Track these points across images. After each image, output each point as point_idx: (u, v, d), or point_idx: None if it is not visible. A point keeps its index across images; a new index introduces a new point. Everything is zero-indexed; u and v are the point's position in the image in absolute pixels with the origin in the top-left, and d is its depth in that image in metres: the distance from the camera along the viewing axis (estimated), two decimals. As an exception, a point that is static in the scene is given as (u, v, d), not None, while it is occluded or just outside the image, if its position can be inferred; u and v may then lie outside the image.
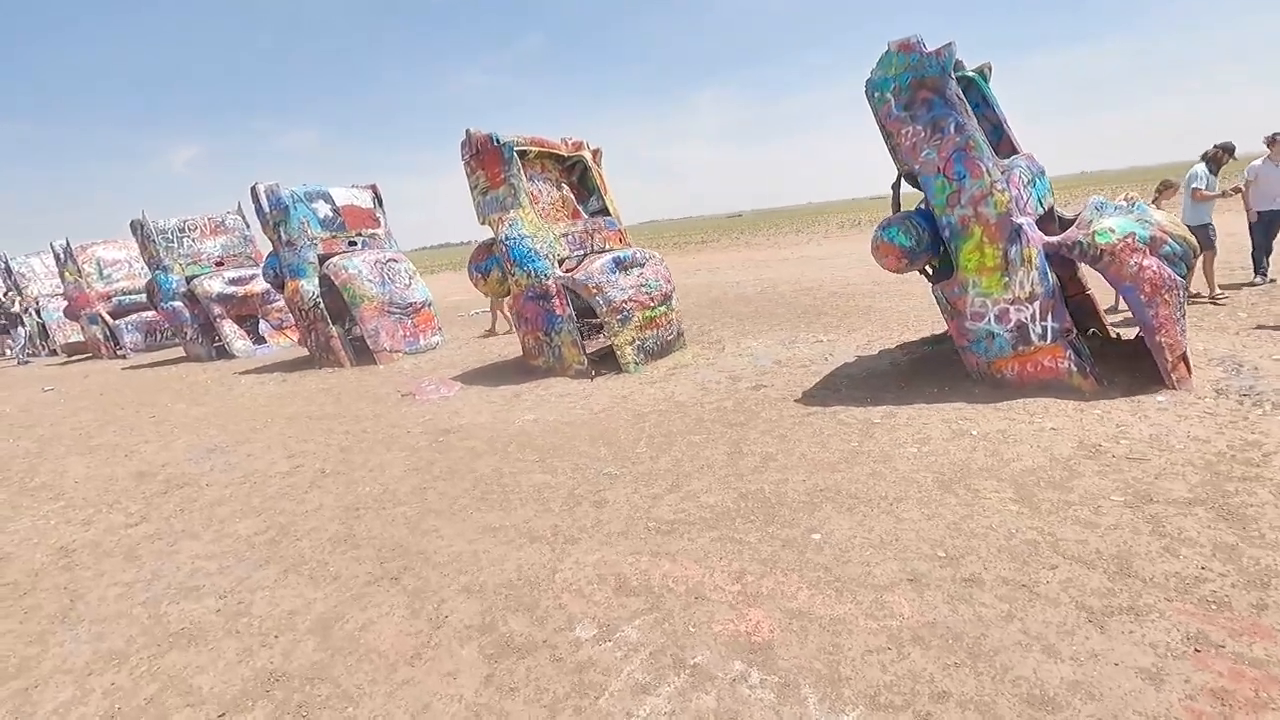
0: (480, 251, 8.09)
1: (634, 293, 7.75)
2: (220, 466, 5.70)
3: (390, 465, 5.20)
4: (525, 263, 7.64)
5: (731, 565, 3.10)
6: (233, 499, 4.85)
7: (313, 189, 10.86)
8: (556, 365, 7.82)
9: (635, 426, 5.52)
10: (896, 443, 4.43)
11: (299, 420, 7.09)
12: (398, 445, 5.73)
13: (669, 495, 4.00)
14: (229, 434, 6.81)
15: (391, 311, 10.61)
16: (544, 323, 7.75)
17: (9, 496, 5.51)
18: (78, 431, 7.74)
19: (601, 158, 9.19)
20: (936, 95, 5.06)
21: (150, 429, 7.46)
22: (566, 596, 3.00)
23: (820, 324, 9.17)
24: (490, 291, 8.20)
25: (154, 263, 13.09)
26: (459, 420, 6.38)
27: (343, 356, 10.32)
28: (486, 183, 7.86)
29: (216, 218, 13.82)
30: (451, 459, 5.18)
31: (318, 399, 8.11)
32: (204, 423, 7.50)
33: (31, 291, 18.21)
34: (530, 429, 5.78)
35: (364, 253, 11.01)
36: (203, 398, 9.15)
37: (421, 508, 4.26)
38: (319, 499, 4.64)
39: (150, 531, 4.39)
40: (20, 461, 6.63)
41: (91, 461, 6.34)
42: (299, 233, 10.41)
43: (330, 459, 5.55)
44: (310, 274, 10.43)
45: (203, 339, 12.98)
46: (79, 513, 4.93)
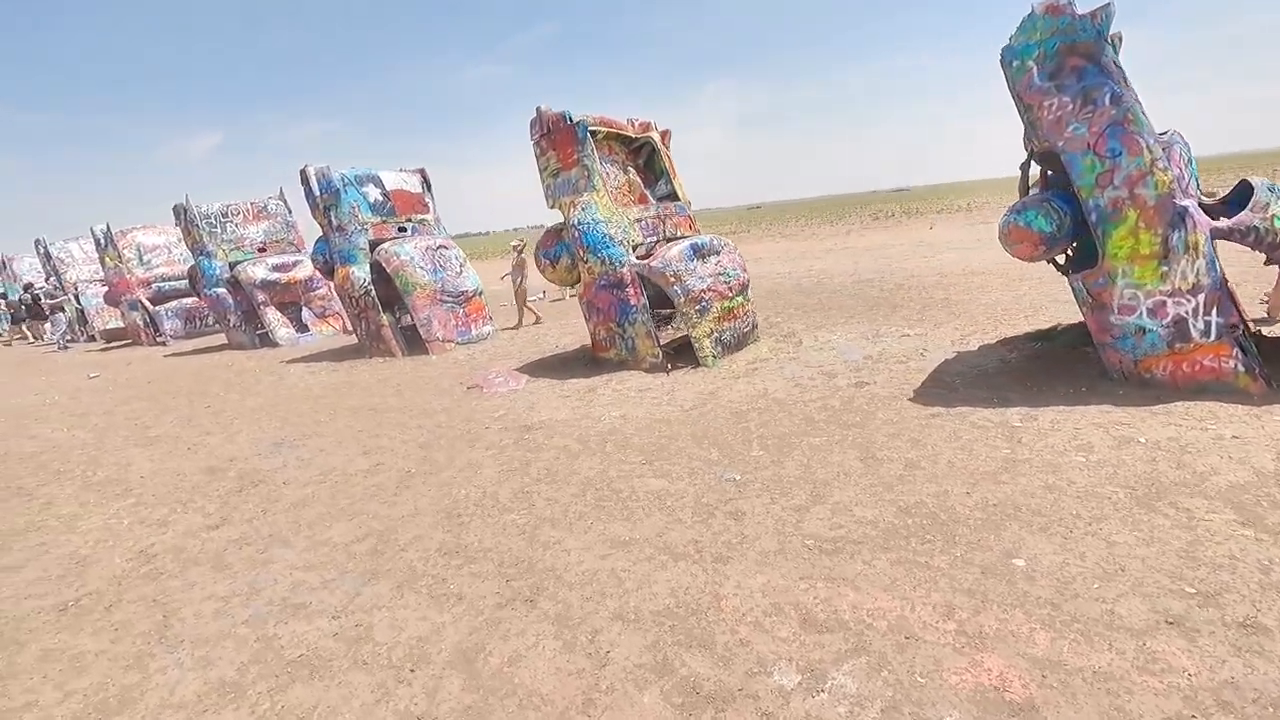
0: (549, 237, 7.68)
1: (712, 282, 7.31)
2: (293, 463, 5.35)
3: (480, 465, 4.81)
4: (599, 249, 7.21)
5: (931, 596, 2.66)
6: (316, 500, 4.49)
7: (363, 172, 10.50)
8: (629, 358, 7.40)
9: (738, 426, 5.09)
10: (1055, 449, 3.96)
11: (364, 413, 6.74)
12: (480, 443, 5.35)
13: (815, 507, 3.57)
14: (293, 427, 6.48)
15: (444, 300, 10.24)
16: (617, 313, 7.33)
17: (75, 492, 5.20)
18: (133, 422, 7.46)
19: (670, 139, 8.73)
20: (1089, 63, 4.55)
21: (209, 420, 7.16)
22: (744, 630, 2.58)
23: (899, 317, 8.67)
24: (559, 280, 7.78)
25: (197, 248, 12.84)
26: (537, 415, 5.98)
27: (394, 346, 9.98)
28: (558, 164, 7.44)
29: (259, 203, 13.54)
30: (546, 459, 4.78)
31: (377, 390, 7.77)
32: (262, 414, 7.17)
33: (70, 277, 18.12)
34: (621, 427, 5.37)
35: (415, 239, 10.65)
36: (254, 387, 8.85)
37: (532, 515, 3.86)
38: (412, 502, 4.26)
39: (234, 536, 4.04)
40: (80, 453, 6.34)
41: (154, 454, 6.04)
42: (349, 217, 10.06)
43: (411, 457, 5.18)
44: (361, 260, 10.09)
45: (246, 326, 12.72)
46: (152, 512, 4.60)
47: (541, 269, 7.81)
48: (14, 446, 6.85)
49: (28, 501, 5.09)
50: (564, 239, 7.56)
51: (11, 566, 3.94)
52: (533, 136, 7.57)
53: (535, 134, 7.52)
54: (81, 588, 3.58)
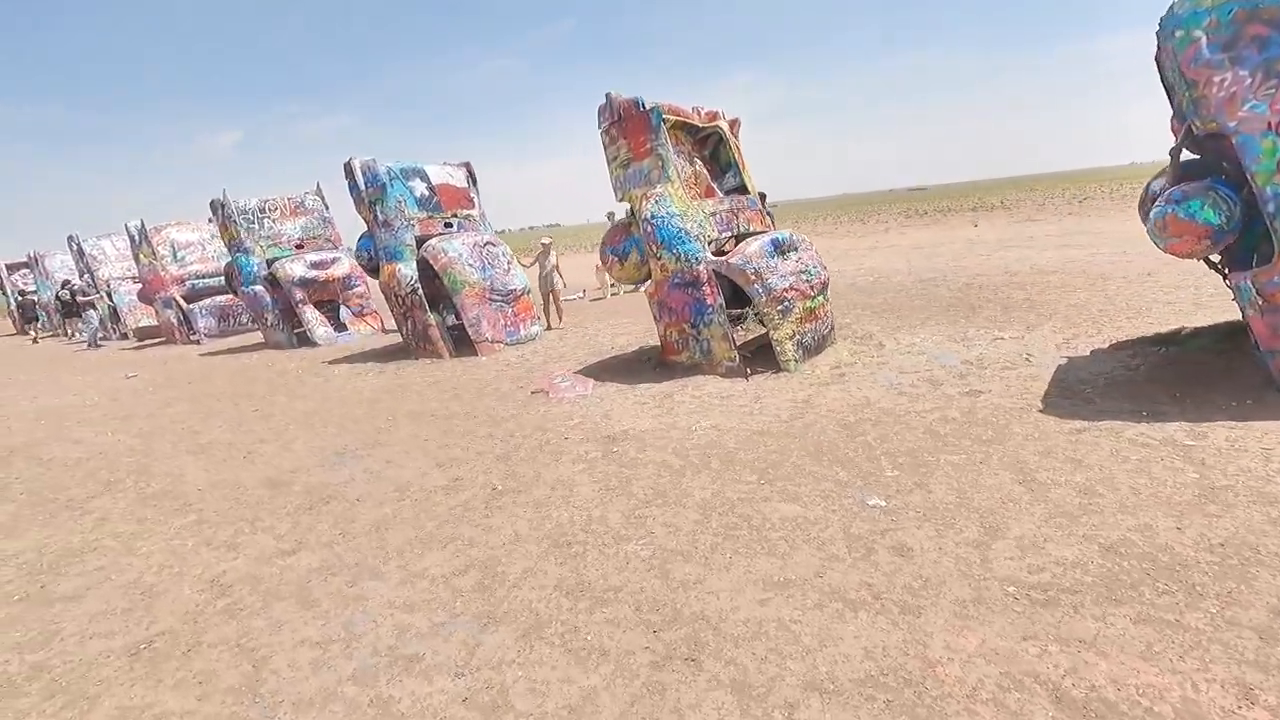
0: (617, 232, 7.20)
1: (794, 280, 6.80)
2: (362, 476, 4.92)
3: (574, 483, 4.34)
4: (674, 245, 6.73)
5: (1210, 669, 2.15)
6: (398, 521, 4.04)
7: (408, 166, 10.09)
8: (703, 362, 6.91)
9: (854, 440, 4.58)
10: (1255, 475, 3.42)
11: (425, 419, 6.31)
12: (565, 455, 4.88)
13: (995, 543, 3.06)
14: (352, 435, 6.05)
15: (492, 299, 9.81)
16: (692, 313, 6.83)
17: (129, 506, 4.80)
18: (180, 426, 7.08)
19: (740, 128, 8.22)
20: (1275, 30, 3.99)
21: (260, 425, 6.76)
22: (985, 711, 2.08)
23: (982, 319, 8.10)
24: (626, 278, 7.31)
25: (234, 245, 12.51)
26: (617, 424, 5.51)
27: (441, 347, 9.56)
28: (629, 154, 6.96)
29: (295, 198, 13.20)
30: (648, 477, 4.30)
31: (433, 394, 7.34)
32: (315, 419, 6.76)
33: (103, 274, 17.93)
34: (719, 439, 4.88)
35: (462, 235, 10.23)
36: (299, 389, 8.46)
37: (654, 545, 3.39)
38: (509, 525, 3.80)
39: (315, 564, 3.60)
40: (128, 460, 5.96)
41: (207, 463, 5.63)
42: (396, 213, 9.65)
43: (492, 471, 4.72)
44: (408, 257, 9.68)
45: (283, 325, 12.38)
46: (217, 532, 4.18)
47: (608, 266, 7.34)
48: (58, 452, 6.49)
49: (79, 517, 4.69)
50: (633, 234, 7.08)
51: (71, 596, 3.52)
52: (601, 124, 7.10)
53: (604, 121, 7.05)
54: (152, 625, 3.15)
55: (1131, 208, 22.11)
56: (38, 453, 6.55)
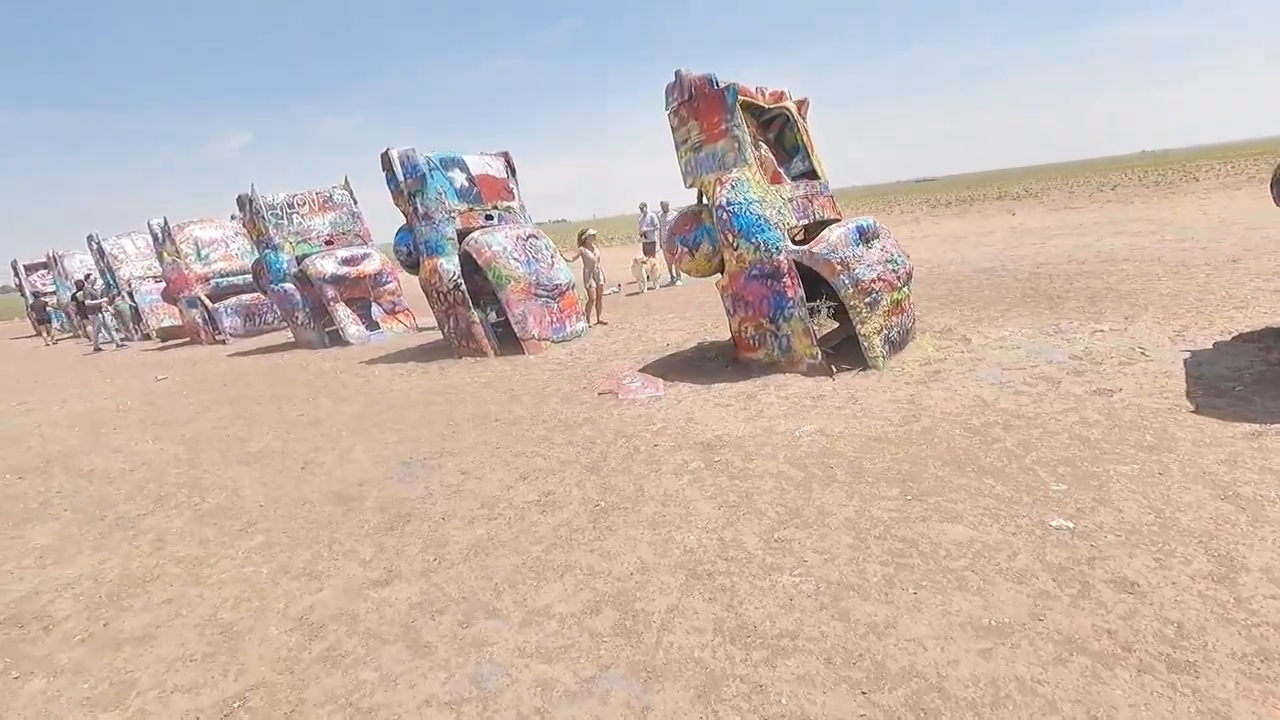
0: (687, 221, 6.71)
1: (881, 270, 6.30)
2: (439, 489, 4.47)
3: (687, 498, 3.87)
4: (752, 234, 6.23)
5: None
6: (496, 544, 3.59)
7: (447, 155, 9.63)
8: (782, 359, 6.42)
9: (990, 447, 4.09)
10: None
11: (490, 424, 5.86)
12: (664, 466, 4.42)
13: (1239, 577, 2.57)
14: (413, 441, 5.61)
15: (538, 294, 9.34)
16: (771, 307, 6.34)
17: (186, 525, 4.37)
18: (224, 432, 6.66)
19: (808, 109, 7.71)
20: None
21: (310, 431, 6.33)
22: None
23: (1069, 309, 7.58)
24: (697, 270, 6.82)
25: (262, 241, 12.10)
26: (707, 429, 5.04)
27: (486, 345, 9.12)
28: (701, 136, 6.47)
29: (324, 192, 12.76)
30: (770, 491, 3.83)
31: (489, 396, 6.89)
32: (369, 424, 6.33)
33: (124, 274, 17.59)
34: (833, 447, 4.40)
35: (504, 228, 9.77)
36: (342, 391, 8.04)
37: (813, 577, 2.92)
38: (629, 551, 3.34)
39: (416, 597, 3.15)
40: (176, 472, 5.54)
41: (263, 475, 5.20)
42: (436, 204, 9.20)
43: (586, 484, 4.26)
44: (450, 251, 9.22)
45: (314, 324, 11.97)
46: (292, 556, 3.74)
47: (676, 258, 6.85)
48: (99, 462, 6.08)
49: (133, 538, 4.27)
50: (705, 222, 6.59)
51: (141, 636, 3.09)
52: (669, 104, 6.60)
53: (673, 101, 6.56)
54: (241, 675, 2.71)
55: (1167, 195, 21.47)
56: (77, 463, 6.14)
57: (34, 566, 3.99)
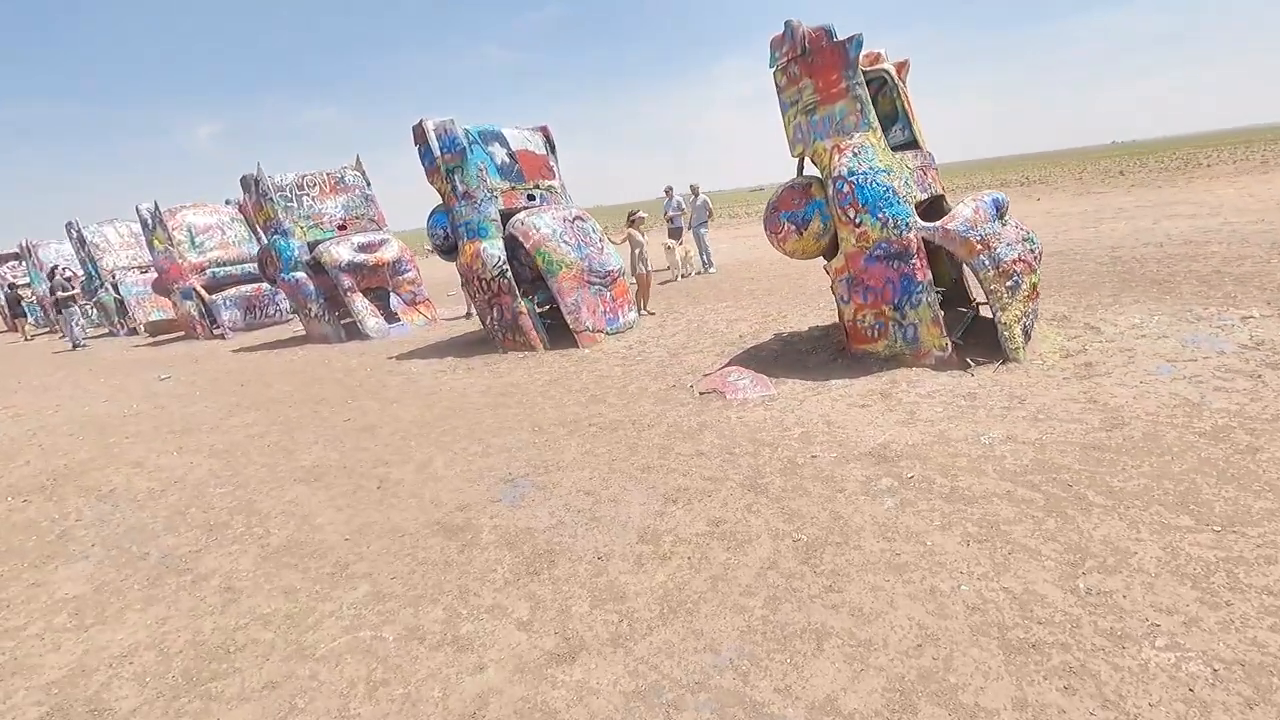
0: (795, 194, 5.90)
1: (1021, 250, 5.55)
2: (570, 516, 3.63)
3: (915, 531, 3.09)
4: (880, 208, 5.45)
5: None
6: (693, 597, 2.77)
7: (486, 129, 8.71)
8: (906, 351, 5.66)
9: (1258, 458, 3.36)
10: None
11: (585, 431, 5.03)
12: (846, 485, 3.63)
13: None
14: (502, 453, 4.76)
15: (591, 282, 8.49)
16: (896, 292, 5.57)
17: (257, 567, 3.49)
18: (262, 441, 5.74)
19: (908, 72, 6.92)
20: None
21: (368, 440, 5.44)
22: None
23: (1188, 294, 6.91)
24: (802, 251, 6.00)
25: (271, 226, 11.06)
26: (861, 437, 4.27)
27: (535, 338, 8.25)
28: (814, 96, 5.65)
29: (335, 173, 11.73)
30: (1017, 519, 3.06)
31: (563, 397, 6.05)
32: (437, 431, 5.46)
33: (107, 263, 16.35)
34: (1048, 459, 3.64)
35: (550, 209, 8.88)
36: (383, 391, 7.14)
37: (1192, 651, 2.15)
38: (891, 609, 2.55)
39: (625, 680, 2.33)
40: (220, 493, 4.63)
41: (332, 497, 4.33)
42: (477, 182, 8.28)
43: (762, 510, 3.46)
44: (494, 234, 8.32)
45: (329, 316, 10.98)
46: (418, 614, 2.89)
47: (782, 237, 6.03)
48: (119, 480, 5.15)
49: (192, 585, 3.39)
50: (816, 196, 5.79)
51: (252, 748, 2.24)
52: (777, 60, 5.78)
53: (781, 57, 5.73)
54: (423, 818, 1.88)
55: (1189, 180, 21.04)
56: (91, 481, 5.20)
57: (71, 628, 3.10)
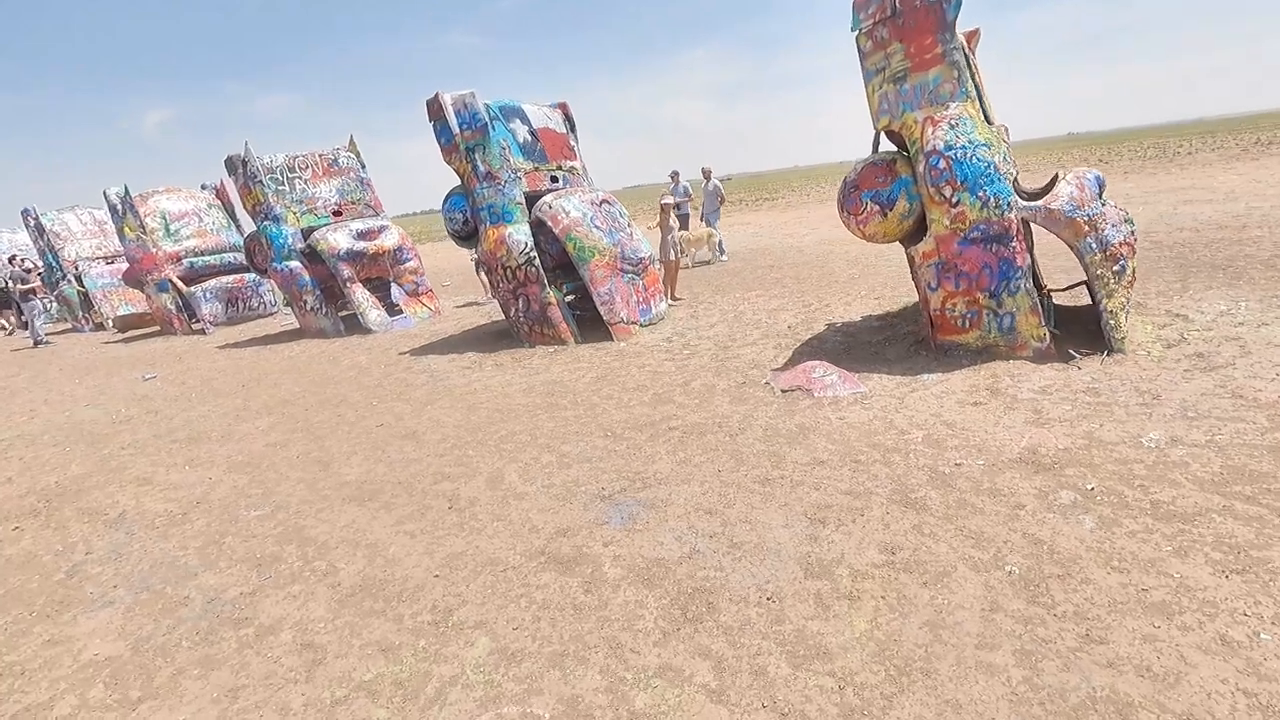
0: (878, 172, 5.39)
1: (1125, 232, 5.14)
2: (703, 544, 3.08)
3: (1157, 563, 2.61)
4: (981, 185, 4.97)
5: None
6: (924, 654, 2.25)
7: (506, 104, 8.02)
8: (1000, 342, 5.21)
9: None
10: None
11: (667, 436, 4.47)
12: (1017, 499, 3.15)
13: None
14: (586, 464, 4.18)
15: (624, 270, 7.91)
16: (993, 277, 5.11)
17: (332, 611, 2.86)
18: (290, 453, 5.06)
19: (978, 43, 6.44)
20: None
21: (415, 449, 4.80)
22: None
23: (1265, 280, 6.62)
24: (884, 234, 5.50)
25: (261, 211, 10.19)
26: (998, 441, 3.80)
27: (566, 330, 7.64)
28: (904, 62, 5.14)
29: (328, 155, 10.89)
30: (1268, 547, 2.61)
31: (619, 396, 5.48)
32: (493, 438, 4.85)
33: (69, 254, 15.16)
34: (1255, 467, 3.20)
35: (576, 191, 8.25)
36: (412, 392, 6.47)
37: None
38: (1196, 674, 2.06)
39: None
40: (260, 519, 3.96)
41: (398, 520, 3.70)
42: (500, 162, 7.61)
43: (937, 533, 2.95)
44: (519, 218, 7.67)
45: (326, 309, 10.19)
46: (569, 680, 2.32)
47: (862, 218, 5.51)
48: (127, 501, 4.43)
49: (258, 639, 2.75)
50: (902, 173, 5.29)
51: None
52: (860, 23, 5.25)
53: (867, 18, 5.20)
54: None
55: (1182, 168, 21.12)
56: (95, 502, 4.48)
57: (114, 706, 2.46)
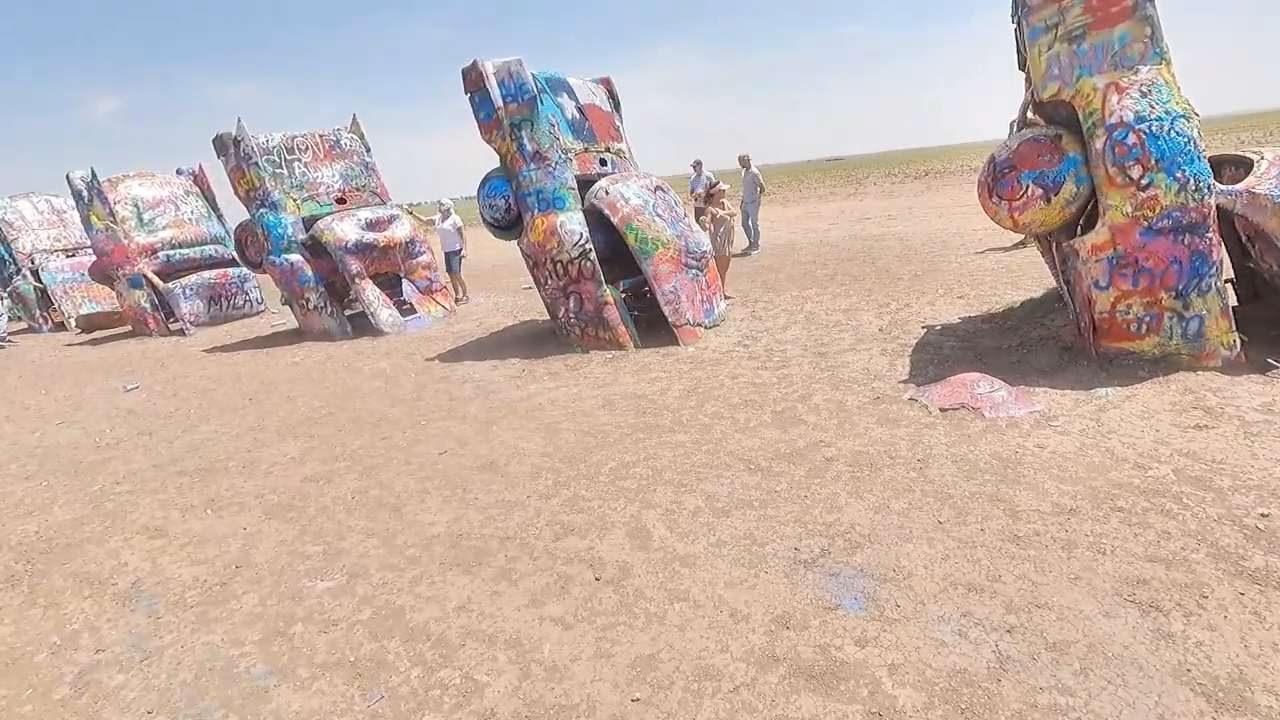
0: (1041, 149, 4.56)
1: (1323, 221, 4.41)
2: (1015, 649, 2.21)
3: None
4: (1180, 164, 4.18)
5: None
6: None
7: (552, 76, 7.05)
8: (1184, 350, 4.42)
9: None
10: None
11: (829, 470, 3.59)
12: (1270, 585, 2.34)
13: None
14: (749, 509, 3.28)
15: (689, 265, 7.00)
16: (1183, 274, 4.32)
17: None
18: (339, 492, 4.04)
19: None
20: None
21: (505, 489, 3.83)
22: None
23: None
24: (1041, 222, 4.68)
25: (255, 197, 9.00)
26: (1261, 478, 3.00)
27: (624, 333, 6.70)
28: (1084, 17, 4.33)
29: (329, 135, 9.74)
30: None
31: (724, 414, 4.58)
32: (600, 472, 3.91)
33: (24, 245, 13.64)
34: None
35: (632, 177, 7.32)
36: (462, 408, 5.47)
37: None
38: None
39: None
40: (332, 593, 2.96)
41: (536, 600, 2.74)
42: (550, 141, 6.63)
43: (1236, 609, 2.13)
44: (573, 205, 6.70)
45: (331, 308, 9.06)
46: None
47: (1017, 205, 4.68)
48: (140, 563, 3.37)
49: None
50: (1070, 151, 4.48)
51: None
52: (1029, -29, 4.43)
53: (1038, -34, 4.39)
54: None
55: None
56: (96, 565, 3.41)
57: None
